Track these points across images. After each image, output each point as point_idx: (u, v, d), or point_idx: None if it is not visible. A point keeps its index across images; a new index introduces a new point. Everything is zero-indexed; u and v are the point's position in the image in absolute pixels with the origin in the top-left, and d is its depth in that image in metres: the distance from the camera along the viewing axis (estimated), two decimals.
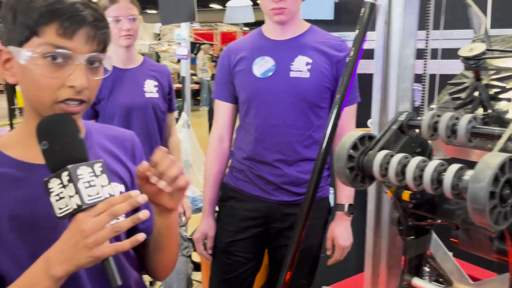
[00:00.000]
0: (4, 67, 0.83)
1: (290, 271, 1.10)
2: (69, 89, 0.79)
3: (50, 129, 0.75)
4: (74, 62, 0.79)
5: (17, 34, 0.79)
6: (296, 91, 1.57)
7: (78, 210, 0.71)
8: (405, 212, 0.91)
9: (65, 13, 0.77)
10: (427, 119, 0.80)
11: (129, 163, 1.01)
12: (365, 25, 0.99)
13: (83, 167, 0.73)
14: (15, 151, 0.86)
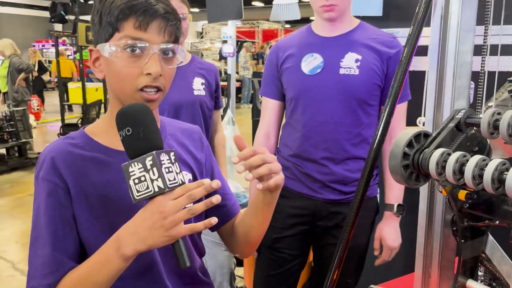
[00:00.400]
0: (94, 65, 0.94)
1: (338, 270, 1.09)
2: (146, 76, 0.88)
3: (133, 117, 0.80)
4: (149, 52, 0.88)
5: (103, 34, 0.89)
6: (345, 88, 1.55)
7: (158, 193, 0.76)
8: (461, 212, 0.89)
9: (140, 8, 0.86)
10: (487, 117, 0.78)
11: (198, 153, 1.08)
12: (421, 21, 0.97)
13: (164, 154, 0.78)
14: (103, 138, 0.95)
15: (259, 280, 1.76)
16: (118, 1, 0.87)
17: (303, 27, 1.75)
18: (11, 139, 6.02)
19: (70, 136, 0.96)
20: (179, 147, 1.04)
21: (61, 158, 0.90)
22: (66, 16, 7.26)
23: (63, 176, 0.89)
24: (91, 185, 0.90)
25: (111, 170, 0.92)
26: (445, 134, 0.81)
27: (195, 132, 1.12)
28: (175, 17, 0.91)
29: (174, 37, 0.92)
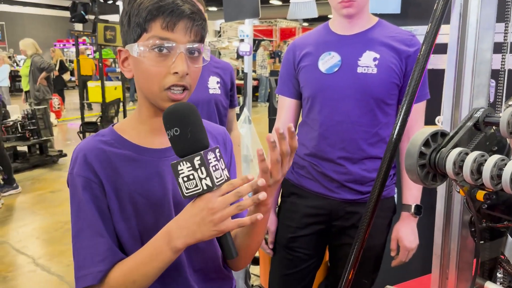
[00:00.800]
0: (123, 65, 0.97)
1: (353, 270, 1.08)
2: (173, 76, 0.90)
3: (181, 117, 0.82)
4: (176, 52, 0.90)
5: (132, 34, 0.91)
6: (363, 87, 1.54)
7: (207, 191, 0.80)
8: (479, 213, 0.87)
9: (167, 8, 0.88)
10: (506, 115, 0.76)
11: (224, 155, 1.07)
12: (439, 18, 0.95)
13: (210, 153, 0.81)
14: (131, 136, 0.98)
15: (275, 280, 1.76)
16: (146, 2, 0.89)
17: (320, 25, 1.74)
18: (33, 137, 6.14)
19: (100, 134, 0.99)
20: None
21: (93, 155, 0.93)
22: (86, 16, 7.37)
23: (96, 171, 0.92)
24: (121, 181, 0.94)
25: (139, 168, 0.95)
26: (462, 133, 0.80)
27: (220, 134, 1.13)
28: (201, 17, 0.93)
29: (200, 37, 0.94)
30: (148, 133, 0.99)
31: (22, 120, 6.16)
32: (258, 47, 13.00)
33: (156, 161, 0.97)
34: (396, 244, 1.62)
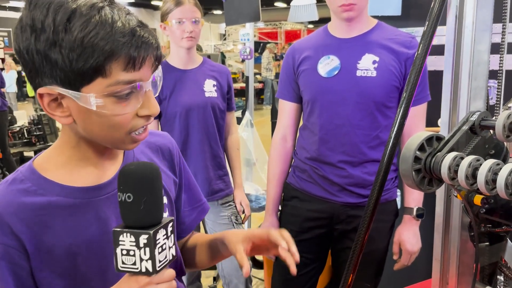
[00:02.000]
0: (49, 108, 0.73)
1: (353, 274, 1.08)
2: (142, 118, 0.76)
3: (139, 183, 0.69)
4: (142, 91, 0.74)
5: (71, 76, 0.69)
6: (363, 90, 1.53)
7: (145, 274, 0.69)
8: (477, 217, 0.86)
9: (132, 44, 0.70)
10: (502, 119, 0.75)
11: (169, 170, 0.98)
12: (434, 21, 0.94)
13: (162, 230, 0.70)
14: (59, 175, 0.79)
15: (277, 284, 1.76)
16: (95, 37, 0.68)
17: (319, 28, 1.73)
18: (39, 142, 6.17)
19: (17, 179, 0.78)
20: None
21: (10, 215, 0.75)
22: None
23: (15, 233, 0.75)
24: (52, 236, 0.77)
25: (76, 214, 0.79)
26: (458, 137, 0.79)
27: (165, 144, 0.99)
28: (158, 43, 0.77)
29: (159, 63, 0.78)
30: (81, 169, 0.80)
31: (29, 125, 6.20)
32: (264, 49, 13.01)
33: (94, 202, 0.80)
34: (398, 248, 1.61)
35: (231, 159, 2.11)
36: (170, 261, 0.72)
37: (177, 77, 1.89)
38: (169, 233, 0.72)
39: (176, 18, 1.82)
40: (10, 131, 5.93)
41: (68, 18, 0.68)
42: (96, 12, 0.69)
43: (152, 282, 0.69)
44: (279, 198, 1.76)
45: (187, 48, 1.88)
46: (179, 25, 1.83)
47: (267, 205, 1.77)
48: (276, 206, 1.76)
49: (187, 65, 1.93)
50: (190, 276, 2.15)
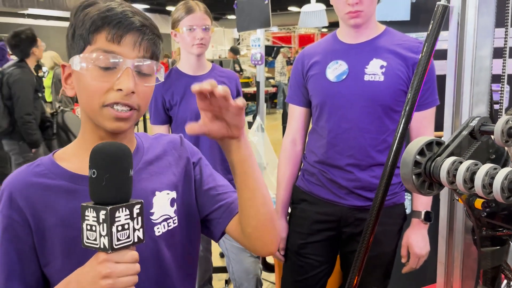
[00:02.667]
0: (66, 82, 0.88)
1: (358, 276, 1.10)
2: (116, 92, 0.82)
3: (103, 159, 0.72)
4: (122, 67, 0.82)
5: (75, 47, 0.84)
6: (370, 94, 1.55)
7: (103, 251, 0.71)
8: (479, 221, 0.88)
9: (114, 19, 0.82)
10: (500, 124, 0.77)
11: (179, 168, 1.01)
12: (436, 29, 0.96)
13: (122, 209, 0.71)
14: (71, 163, 0.89)
15: (286, 286, 1.78)
16: (92, 12, 0.82)
17: (328, 34, 1.76)
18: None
19: (35, 163, 0.90)
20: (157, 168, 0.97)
21: (19, 191, 0.86)
22: None
23: (21, 210, 0.85)
24: (54, 215, 0.85)
25: (77, 198, 0.84)
26: (458, 142, 0.81)
27: (175, 143, 1.04)
28: (153, 32, 0.86)
29: (151, 53, 0.86)
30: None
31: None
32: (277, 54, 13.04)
33: None
34: (407, 251, 1.62)
35: None
36: (135, 243, 0.73)
37: (187, 83, 1.93)
38: (135, 215, 0.73)
39: (187, 26, 1.87)
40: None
41: (85, 7, 0.84)
42: (105, 4, 0.84)
43: (110, 259, 0.71)
44: (288, 201, 1.78)
45: (197, 55, 1.92)
46: (190, 32, 1.87)
47: (277, 208, 1.79)
48: (285, 209, 1.78)
49: (197, 71, 1.97)
50: (201, 279, 2.18)
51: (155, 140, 1.02)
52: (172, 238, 0.96)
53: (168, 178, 0.98)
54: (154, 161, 0.98)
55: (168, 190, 0.96)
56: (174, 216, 0.96)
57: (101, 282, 0.71)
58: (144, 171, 0.95)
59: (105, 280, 0.71)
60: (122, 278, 0.72)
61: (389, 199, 1.60)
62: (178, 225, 0.97)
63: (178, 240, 0.97)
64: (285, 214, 1.79)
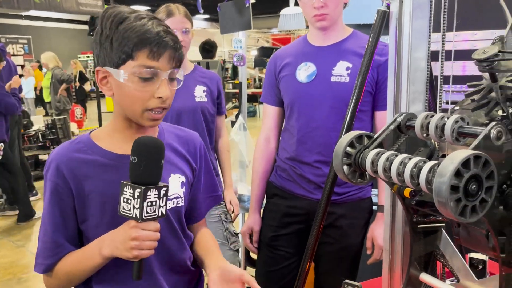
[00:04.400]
0: (101, 83, 1.06)
1: (309, 261, 1.17)
2: (157, 99, 1.02)
3: (142, 150, 0.94)
4: (160, 78, 1.01)
5: (114, 58, 1.00)
6: (337, 95, 1.63)
7: (135, 219, 0.93)
8: (409, 209, 0.95)
9: (153, 40, 0.99)
10: (420, 119, 0.85)
11: (191, 159, 1.21)
12: (377, 32, 1.04)
13: (153, 190, 0.93)
14: (105, 142, 1.09)
15: (260, 277, 1.86)
16: (132, 32, 0.98)
17: (300, 37, 1.84)
18: (53, 146, 6.38)
19: (75, 141, 1.11)
20: (173, 154, 1.17)
21: (64, 163, 1.06)
22: None
23: (65, 178, 1.05)
24: (91, 185, 1.05)
25: (109, 171, 1.06)
26: (385, 135, 0.88)
27: (192, 140, 1.24)
28: (180, 46, 1.06)
29: (180, 63, 1.06)
30: (121, 141, 1.09)
31: (43, 130, 6.42)
32: None
33: (123, 165, 1.04)
34: (372, 243, 1.69)
35: (221, 160, 2.23)
36: (159, 217, 0.96)
37: None
38: (162, 195, 0.95)
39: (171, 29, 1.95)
40: (26, 135, 6.15)
41: (121, 22, 1.00)
42: (138, 20, 1.00)
43: (138, 226, 0.95)
44: (262, 196, 1.86)
45: None
46: None
47: (251, 203, 1.87)
48: (259, 204, 1.87)
49: None
50: None
51: (176, 130, 1.23)
52: (179, 214, 1.16)
53: (180, 164, 1.18)
54: (172, 148, 1.17)
55: (179, 174, 1.16)
56: (182, 197, 1.16)
57: (130, 242, 0.94)
58: (166, 155, 1.13)
59: (133, 241, 0.94)
60: (146, 242, 0.95)
61: (355, 194, 1.68)
62: (184, 205, 1.17)
63: (183, 218, 1.18)
64: (259, 209, 1.87)
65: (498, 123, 0.73)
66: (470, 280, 0.95)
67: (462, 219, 0.67)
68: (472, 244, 0.89)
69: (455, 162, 0.65)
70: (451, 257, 0.99)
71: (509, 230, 0.77)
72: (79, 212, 1.06)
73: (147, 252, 0.96)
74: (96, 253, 1.01)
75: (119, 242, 0.96)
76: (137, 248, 0.94)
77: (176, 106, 2.00)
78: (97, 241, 1.02)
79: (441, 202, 0.66)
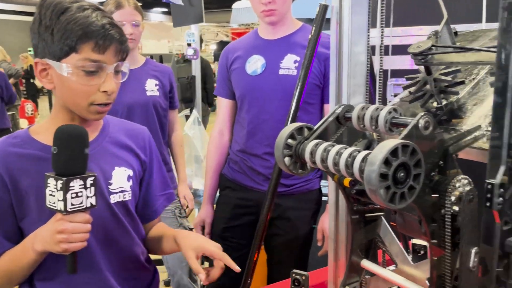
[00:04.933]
0: (40, 75, 1.02)
1: (257, 252, 1.19)
2: (102, 94, 1.01)
3: (62, 139, 0.91)
4: (105, 72, 1.00)
5: (56, 51, 0.97)
6: (285, 88, 1.65)
7: (60, 212, 0.91)
8: (350, 198, 0.99)
9: (98, 34, 0.97)
10: (356, 111, 0.88)
11: (140, 153, 1.20)
12: (319, 25, 1.07)
13: (76, 180, 0.90)
14: (43, 136, 1.06)
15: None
16: (75, 24, 0.96)
17: (251, 30, 1.86)
18: None
19: (12, 135, 1.08)
20: (118, 147, 1.15)
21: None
22: None
23: (0, 174, 1.02)
24: (28, 180, 1.03)
25: (47, 165, 1.00)
26: (324, 127, 0.91)
27: (141, 133, 1.23)
28: (126, 39, 1.05)
29: (126, 56, 1.05)
30: None
31: None
32: None
33: None
34: (322, 235, 1.73)
35: (175, 155, 2.21)
36: (88, 208, 0.93)
37: None
38: (89, 185, 0.92)
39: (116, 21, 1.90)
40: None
41: (62, 12, 0.97)
42: (81, 11, 0.98)
43: (65, 219, 0.92)
44: (215, 188, 1.87)
45: None
46: None
47: (204, 195, 1.88)
48: (211, 196, 1.87)
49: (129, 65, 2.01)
50: None
51: (123, 124, 1.21)
52: (126, 208, 1.13)
53: (127, 157, 1.16)
54: (117, 141, 1.15)
55: (125, 167, 1.14)
56: (129, 190, 1.13)
57: (57, 236, 0.92)
58: (109, 148, 1.12)
59: (60, 235, 0.92)
60: (75, 235, 0.92)
61: (303, 186, 1.71)
62: (132, 199, 1.14)
63: (132, 212, 1.16)
64: (212, 201, 1.87)
65: (426, 113, 0.76)
66: (407, 264, 0.99)
67: (392, 206, 0.70)
68: (407, 230, 0.93)
69: (384, 151, 0.68)
70: (390, 243, 1.04)
71: (439, 215, 0.81)
72: (17, 209, 1.03)
73: (76, 245, 0.94)
74: (30, 248, 0.99)
75: (48, 236, 0.94)
76: (65, 241, 0.92)
77: (126, 100, 1.96)
78: (31, 236, 1.00)
79: (372, 189, 0.69)
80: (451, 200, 0.79)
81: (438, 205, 0.81)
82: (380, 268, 1.01)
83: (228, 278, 1.79)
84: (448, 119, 0.98)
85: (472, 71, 1.06)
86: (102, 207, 1.06)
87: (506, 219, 0.70)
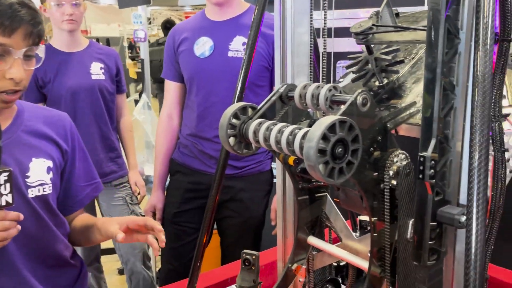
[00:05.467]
0: None
1: (206, 235, 1.19)
2: (8, 81, 0.92)
3: None
4: (12, 57, 0.90)
5: None
6: (234, 70, 1.64)
7: None
8: (295, 176, 1.00)
9: (4, 13, 0.88)
10: (298, 89, 0.89)
11: (61, 142, 1.11)
12: (262, 6, 1.06)
13: None
14: None
15: (164, 253, 1.86)
16: None
17: (199, 11, 1.83)
18: None
19: None
20: (35, 136, 1.06)
21: None
22: None
23: None
24: None
25: None
26: (267, 106, 0.91)
27: (61, 120, 1.13)
28: (40, 20, 0.95)
29: (38, 40, 0.95)
30: None
31: None
32: None
33: None
34: (275, 214, 1.75)
35: (124, 141, 2.16)
36: (3, 206, 0.84)
37: (61, 59, 1.90)
38: (2, 182, 0.83)
39: (54, 1, 1.83)
40: None
41: None
42: None
43: None
44: (165, 173, 1.85)
45: (68, 31, 1.89)
46: (58, 8, 1.84)
47: (154, 181, 1.85)
48: (162, 181, 1.85)
49: (71, 48, 1.94)
50: (88, 258, 2.17)
51: (41, 110, 1.12)
52: (47, 203, 1.05)
53: (45, 147, 1.07)
54: (34, 130, 1.05)
55: (44, 158, 1.05)
56: (49, 183, 1.05)
57: None
58: (24, 137, 1.03)
59: None
60: None
61: (254, 167, 1.72)
62: (53, 192, 1.06)
63: (53, 206, 1.07)
64: (162, 186, 1.85)
65: (363, 90, 0.78)
66: (351, 239, 1.02)
67: (331, 181, 0.72)
68: (350, 205, 0.96)
69: (322, 127, 0.69)
70: (335, 220, 1.06)
71: (378, 190, 0.84)
72: None
73: None
74: None
75: None
76: None
77: (70, 84, 1.90)
78: None
79: (311, 165, 0.70)
80: (389, 174, 0.82)
81: (377, 180, 0.84)
82: (325, 243, 1.04)
83: (179, 263, 1.80)
84: (390, 97, 1.01)
85: (411, 51, 1.09)
86: (18, 203, 0.95)
87: (438, 190, 0.74)
